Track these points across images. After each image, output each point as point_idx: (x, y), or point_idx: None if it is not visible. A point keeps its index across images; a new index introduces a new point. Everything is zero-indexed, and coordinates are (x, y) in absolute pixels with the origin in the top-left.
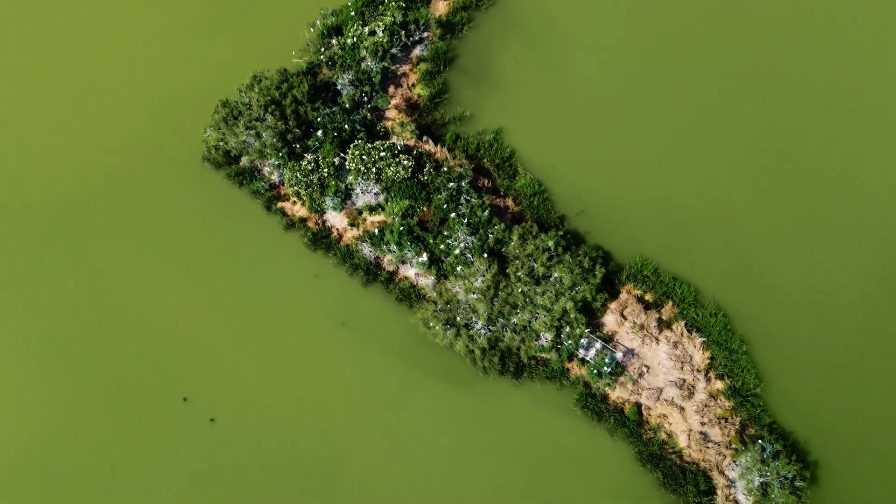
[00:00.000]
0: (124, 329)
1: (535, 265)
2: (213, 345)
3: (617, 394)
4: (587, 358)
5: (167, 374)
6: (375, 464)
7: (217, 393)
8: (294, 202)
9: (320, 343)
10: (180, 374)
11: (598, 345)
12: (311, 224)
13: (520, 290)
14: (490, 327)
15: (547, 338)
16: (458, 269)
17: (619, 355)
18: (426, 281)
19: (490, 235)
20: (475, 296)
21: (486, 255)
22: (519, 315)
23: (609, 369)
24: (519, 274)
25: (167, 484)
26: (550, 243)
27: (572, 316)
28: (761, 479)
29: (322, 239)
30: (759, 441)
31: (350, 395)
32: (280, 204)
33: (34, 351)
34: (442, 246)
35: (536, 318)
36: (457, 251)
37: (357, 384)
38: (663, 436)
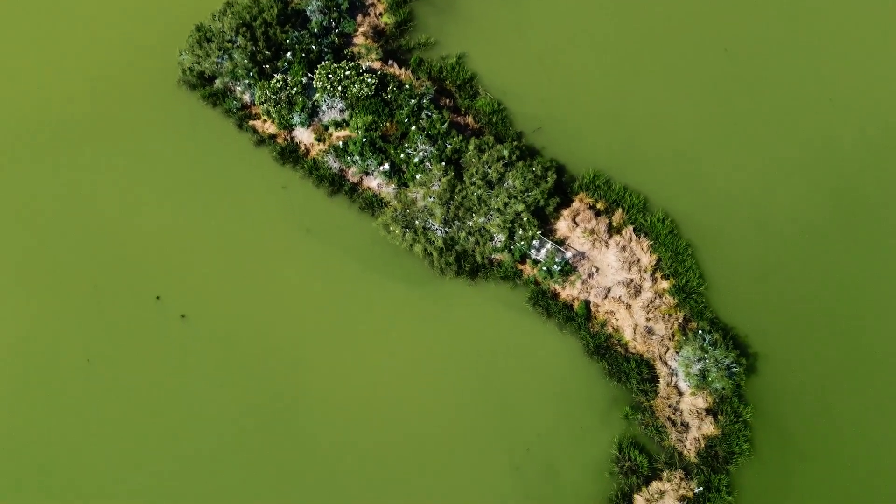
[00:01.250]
0: (102, 235)
1: (490, 171)
2: (185, 249)
3: (567, 292)
4: (539, 258)
5: (141, 275)
6: (338, 359)
7: (188, 292)
8: (264, 120)
9: (287, 248)
10: (154, 275)
11: (550, 245)
12: (280, 140)
13: (474, 193)
14: (446, 229)
15: (500, 239)
16: (418, 177)
17: (568, 255)
18: (388, 190)
19: (448, 146)
20: (432, 199)
21: (443, 163)
22: (474, 218)
23: (559, 268)
24: (474, 179)
25: (141, 374)
26: (505, 152)
27: (525, 218)
28: (701, 366)
29: (290, 153)
30: (700, 331)
31: (314, 294)
32: (251, 122)
33: (19, 253)
34: (402, 155)
35: (490, 220)
36: (416, 160)
37: (321, 285)
38: (610, 330)
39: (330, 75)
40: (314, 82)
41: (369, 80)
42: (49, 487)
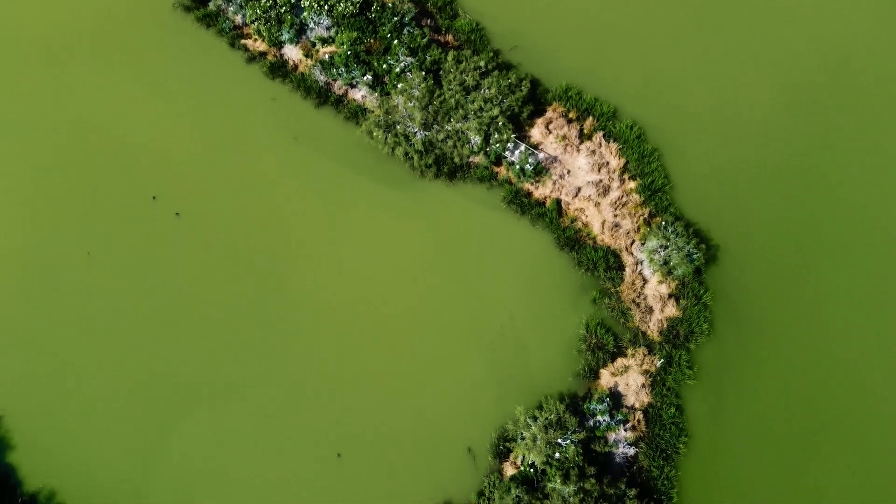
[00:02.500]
0: (101, 142)
1: (467, 78)
2: (180, 154)
3: (539, 191)
4: (513, 160)
5: (138, 177)
6: (324, 253)
7: (183, 193)
8: (255, 39)
9: (275, 153)
10: (150, 178)
11: (523, 148)
12: (269, 56)
13: (452, 98)
14: (426, 133)
15: (476, 142)
16: (399, 85)
17: (541, 157)
18: (372, 100)
19: (427, 57)
20: (412, 104)
21: (423, 72)
22: (452, 122)
23: (532, 167)
24: (452, 86)
25: (138, 266)
26: (482, 63)
27: (500, 122)
28: (664, 254)
29: (279, 68)
30: (664, 223)
31: (301, 195)
32: (243, 41)
33: (26, 159)
34: (385, 66)
35: (467, 123)
36: (398, 70)
37: (307, 187)
38: (580, 225)
39: None
40: (301, 2)
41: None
42: (52, 374)
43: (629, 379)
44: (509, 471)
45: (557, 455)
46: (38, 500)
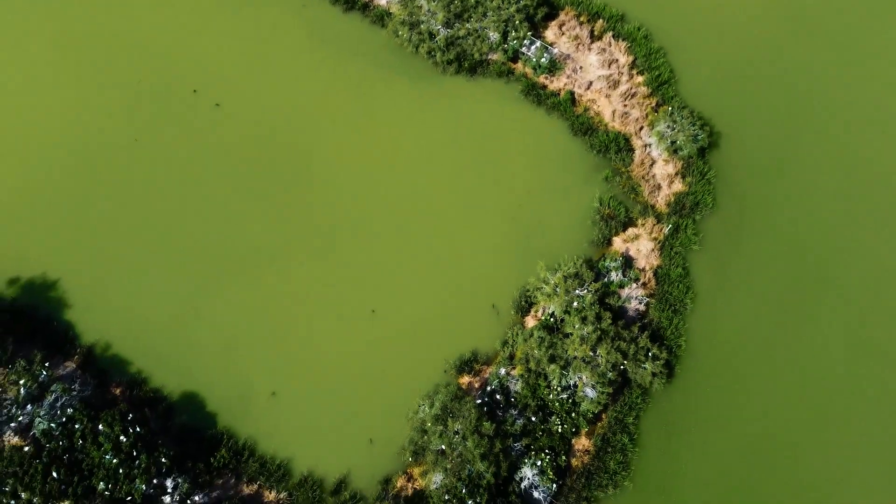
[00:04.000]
0: (146, 41)
1: None
2: (217, 54)
3: (554, 84)
4: (529, 55)
5: (181, 73)
6: (354, 142)
7: (222, 87)
8: None
9: (306, 54)
10: (192, 73)
11: (539, 44)
12: None
13: None
14: (448, 30)
15: (495, 38)
16: None
17: (555, 51)
18: (396, 4)
19: None
20: (435, 2)
21: None
22: (472, 21)
23: (547, 62)
24: None
25: (181, 153)
26: None
27: (517, 20)
28: (671, 135)
29: None
30: (671, 108)
31: (332, 91)
32: None
33: (82, 53)
34: None
35: (486, 20)
36: None
37: (338, 83)
38: (592, 114)
39: None
40: None
41: None
42: (105, 241)
43: (640, 245)
44: (530, 323)
45: (576, 304)
46: (94, 351)
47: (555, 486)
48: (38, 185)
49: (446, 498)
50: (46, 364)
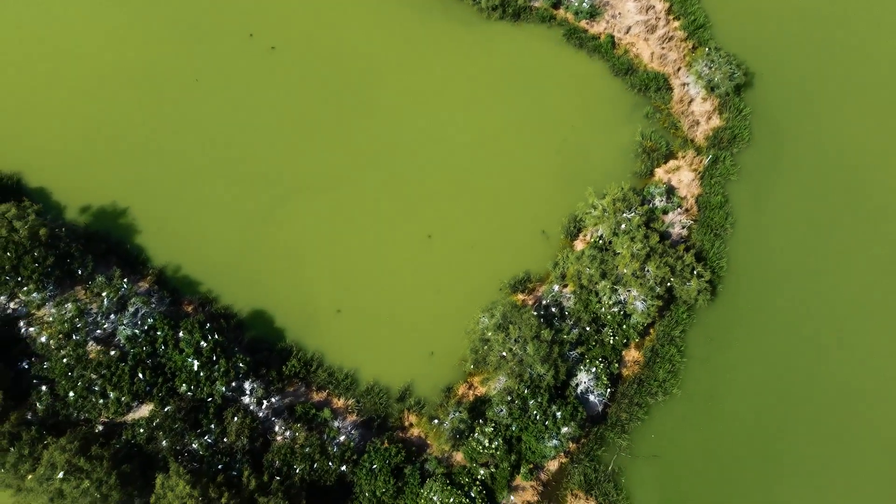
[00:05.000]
0: None
1: None
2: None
3: (594, 29)
4: (570, 1)
5: (236, 17)
6: (406, 84)
7: (277, 31)
8: None
9: (358, 1)
10: (247, 16)
11: None
12: None
13: None
14: None
15: None
16: None
17: None
18: None
19: None
20: None
21: None
22: None
23: (587, 7)
24: None
25: (239, 93)
26: None
27: None
28: (708, 74)
29: None
30: (708, 49)
31: (383, 36)
32: None
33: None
34: None
35: None
36: None
37: (388, 29)
38: (631, 56)
39: None
40: None
41: None
42: (172, 170)
43: (681, 175)
44: (579, 246)
45: (623, 226)
46: (165, 273)
47: (608, 391)
48: (106, 120)
49: (509, 399)
50: (125, 279)
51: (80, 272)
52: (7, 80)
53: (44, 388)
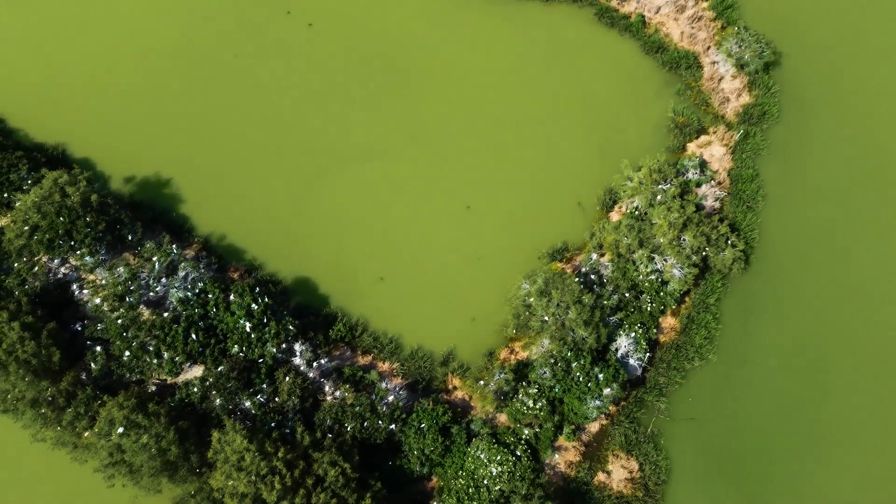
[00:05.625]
0: None
1: None
2: None
3: (625, 8)
4: None
5: None
6: (442, 61)
7: (313, 7)
8: None
9: None
10: None
11: None
12: None
13: None
14: None
15: None
16: None
17: None
18: None
19: None
20: None
21: None
22: None
23: None
24: None
25: (278, 67)
26: None
27: None
28: (737, 51)
29: None
30: (737, 28)
31: (418, 13)
32: None
33: None
34: None
35: None
36: None
37: (422, 6)
38: (662, 35)
39: None
40: None
41: None
42: (213, 141)
43: (712, 150)
44: (615, 218)
45: (659, 197)
46: (210, 241)
47: (647, 355)
48: (148, 93)
49: (552, 361)
50: (174, 245)
51: (129, 238)
52: (52, 54)
53: (98, 348)
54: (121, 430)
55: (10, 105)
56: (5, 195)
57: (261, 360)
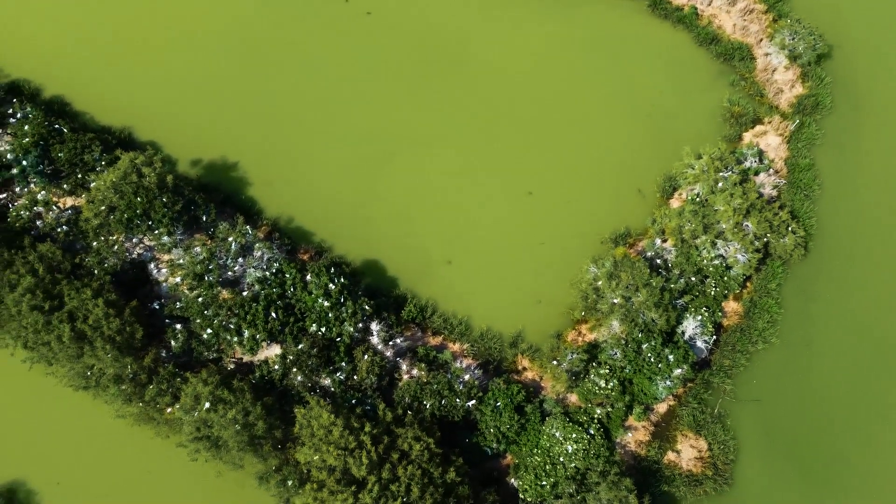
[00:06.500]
0: None
1: None
2: None
3: (678, 0)
4: None
5: None
6: (500, 50)
7: None
8: None
9: None
10: None
11: None
12: None
13: None
14: None
15: None
16: None
17: None
18: None
19: None
20: None
21: None
22: None
23: None
24: None
25: (338, 55)
26: None
27: None
28: (791, 43)
29: None
30: (790, 20)
31: (471, 6)
32: None
33: None
34: None
35: None
36: None
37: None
38: (714, 27)
39: None
40: None
41: None
42: (275, 134)
43: (768, 140)
44: (675, 205)
45: (721, 184)
46: (279, 224)
47: (712, 338)
48: (213, 78)
49: (623, 342)
50: (248, 226)
51: (204, 219)
52: (115, 37)
53: (178, 326)
54: (207, 405)
55: (74, 89)
56: (79, 176)
57: (338, 339)
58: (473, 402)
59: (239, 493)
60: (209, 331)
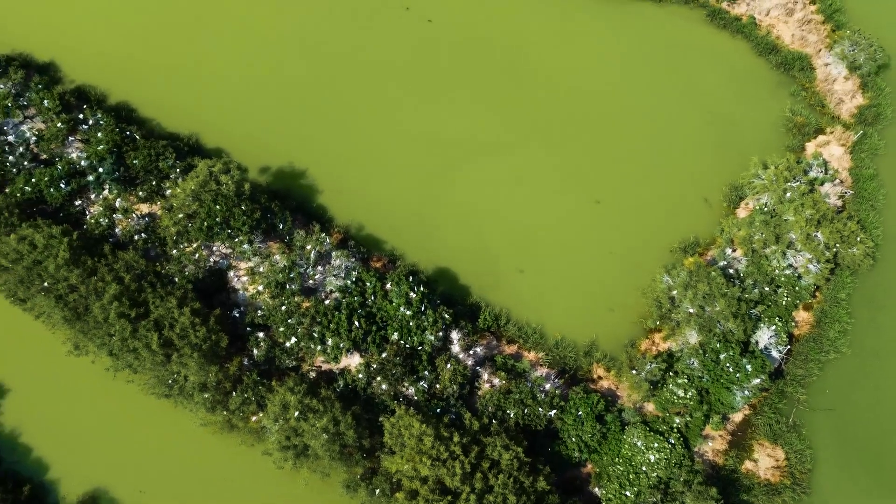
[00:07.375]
0: None
1: None
2: None
3: (735, 10)
4: None
5: None
6: (557, 62)
7: (432, 4)
8: None
9: None
10: None
11: None
12: None
13: None
14: None
15: None
16: None
17: None
18: None
19: None
20: None
21: None
22: None
23: None
24: None
25: (401, 64)
26: None
27: None
28: (852, 53)
29: None
30: (849, 31)
31: (533, 12)
32: None
33: None
34: None
35: None
36: None
37: (536, 6)
38: (773, 38)
39: None
40: None
41: None
42: (342, 142)
43: (831, 150)
44: (741, 214)
45: (789, 194)
46: (350, 231)
47: (787, 347)
48: (275, 86)
49: (701, 352)
50: (324, 234)
51: (280, 227)
52: (179, 43)
53: (261, 334)
54: (296, 413)
55: (139, 95)
56: (154, 183)
57: (420, 348)
58: (555, 411)
59: (320, 500)
60: (293, 339)
